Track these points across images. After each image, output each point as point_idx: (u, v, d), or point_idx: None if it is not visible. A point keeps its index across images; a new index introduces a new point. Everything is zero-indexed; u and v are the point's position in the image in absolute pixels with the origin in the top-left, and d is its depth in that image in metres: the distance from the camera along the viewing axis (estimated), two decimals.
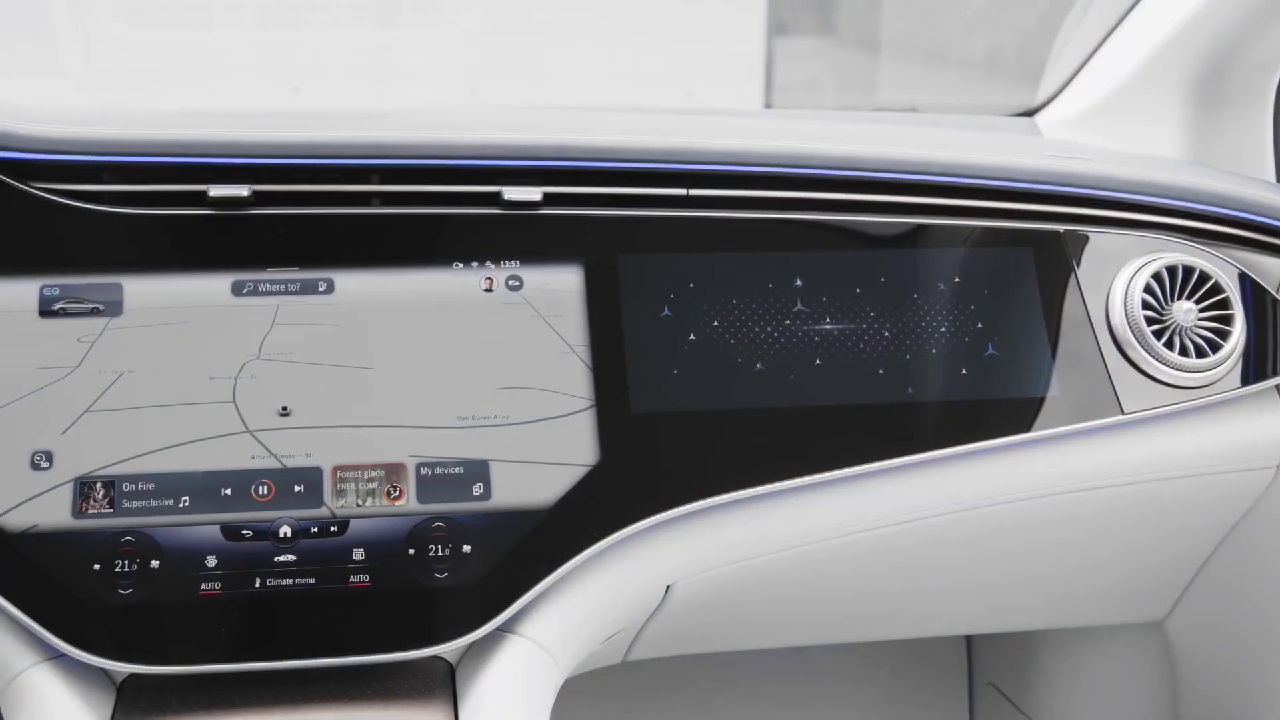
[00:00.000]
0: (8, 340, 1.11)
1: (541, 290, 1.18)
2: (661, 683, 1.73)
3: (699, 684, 1.76)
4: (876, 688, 1.87)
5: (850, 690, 1.86)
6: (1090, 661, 1.70)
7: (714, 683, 1.77)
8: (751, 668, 1.75)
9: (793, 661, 1.79)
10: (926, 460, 1.21)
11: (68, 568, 1.06)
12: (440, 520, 1.10)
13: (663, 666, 1.56)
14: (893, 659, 1.86)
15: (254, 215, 1.17)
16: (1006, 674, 1.83)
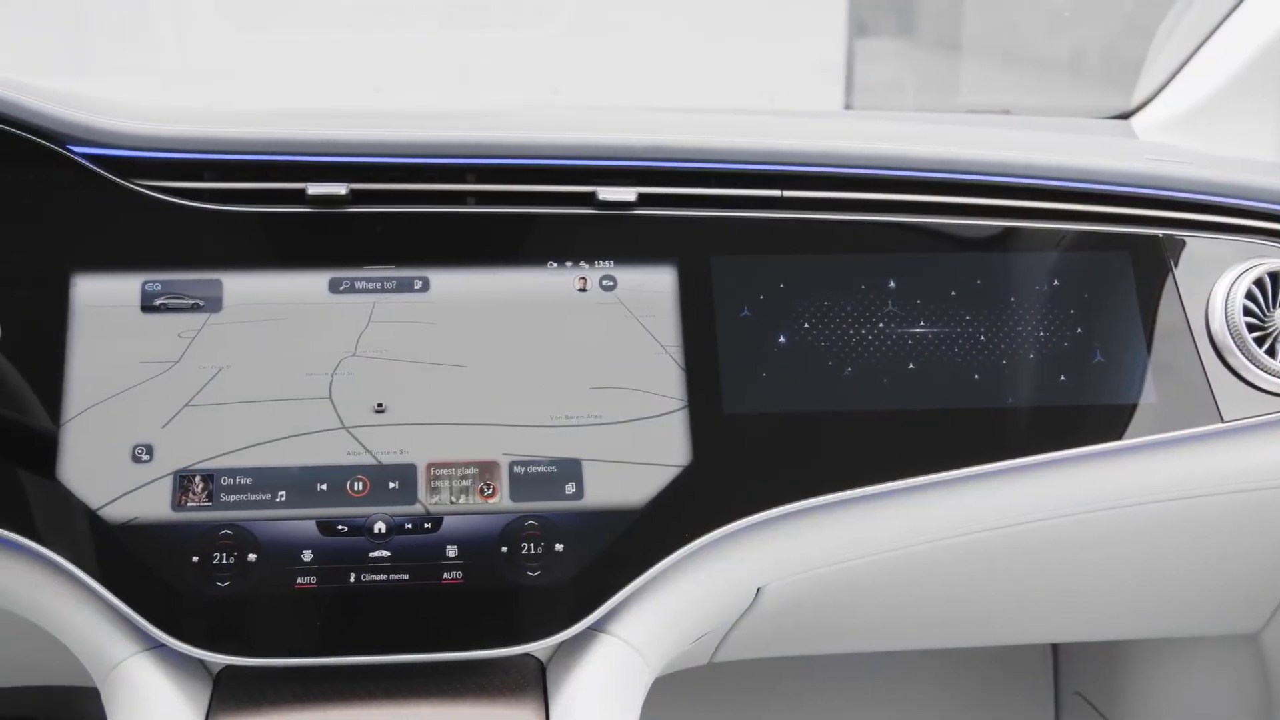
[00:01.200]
0: (111, 335, 1.12)
1: (635, 290, 1.18)
2: (744, 684, 1.72)
3: (781, 687, 1.75)
4: (961, 695, 1.85)
5: (934, 696, 1.85)
6: (1181, 673, 1.67)
7: (797, 685, 1.76)
8: (835, 671, 1.74)
9: (876, 666, 1.78)
10: (1019, 466, 1.20)
11: (167, 559, 1.08)
12: (533, 519, 1.11)
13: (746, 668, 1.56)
14: (978, 666, 1.84)
15: (352, 214, 1.18)
16: (1094, 683, 1.81)
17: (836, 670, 1.76)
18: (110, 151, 1.18)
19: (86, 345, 1.12)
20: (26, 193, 1.16)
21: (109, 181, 1.17)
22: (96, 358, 1.12)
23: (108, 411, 1.11)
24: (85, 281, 1.14)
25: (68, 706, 1.72)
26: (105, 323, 1.13)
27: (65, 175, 1.16)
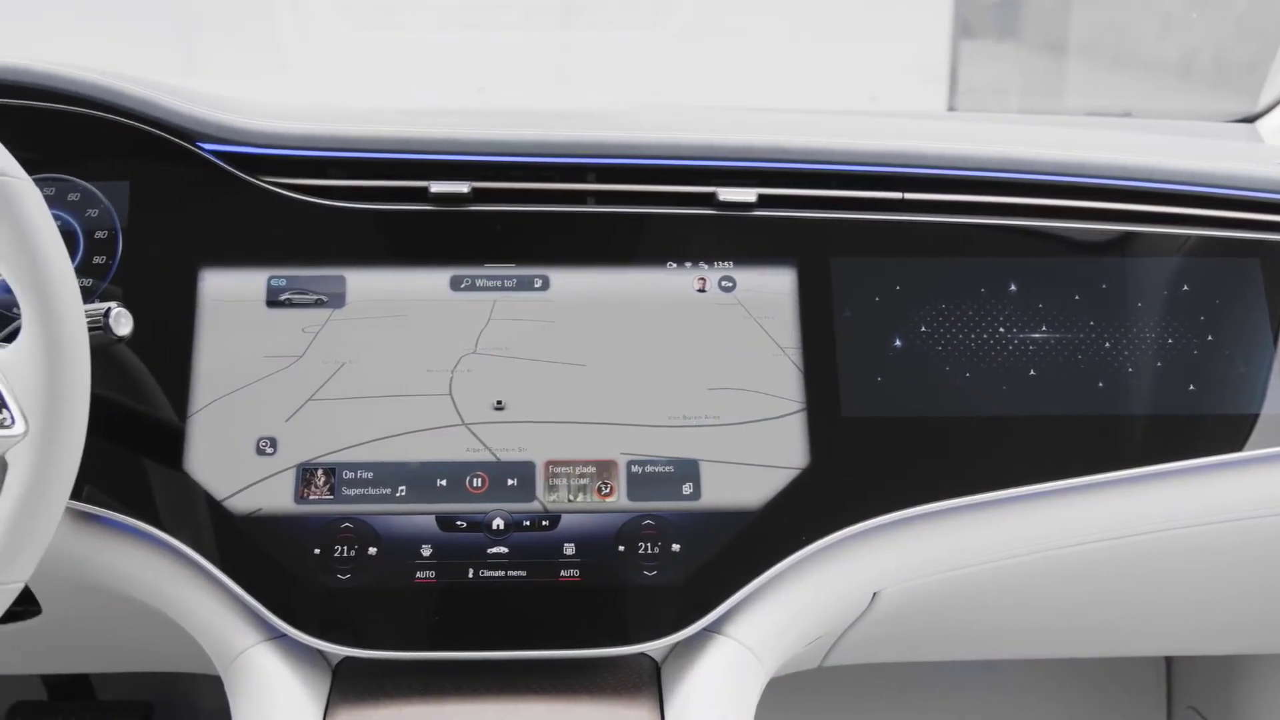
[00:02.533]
0: (237, 329, 1.14)
1: (754, 291, 1.18)
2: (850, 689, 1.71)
3: (886, 693, 1.74)
4: (1072, 706, 1.82)
5: (1044, 707, 1.82)
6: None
7: (903, 692, 1.74)
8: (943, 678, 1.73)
9: (986, 674, 1.76)
10: (1141, 476, 1.17)
11: (290, 551, 1.09)
12: (650, 518, 1.11)
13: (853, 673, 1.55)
14: (1089, 677, 1.81)
15: (473, 212, 1.19)
16: (1209, 698, 1.77)
17: (945, 677, 1.74)
18: (239, 148, 1.20)
19: (213, 339, 1.14)
20: (157, 189, 1.18)
21: (237, 178, 1.19)
22: (223, 351, 1.14)
23: (233, 404, 1.13)
24: (213, 276, 1.16)
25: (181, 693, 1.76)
26: (231, 317, 1.15)
27: (195, 172, 1.19)
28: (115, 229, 1.17)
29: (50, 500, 0.92)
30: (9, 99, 1.18)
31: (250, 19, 3.48)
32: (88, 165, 1.19)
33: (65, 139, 1.19)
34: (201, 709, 1.77)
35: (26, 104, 1.19)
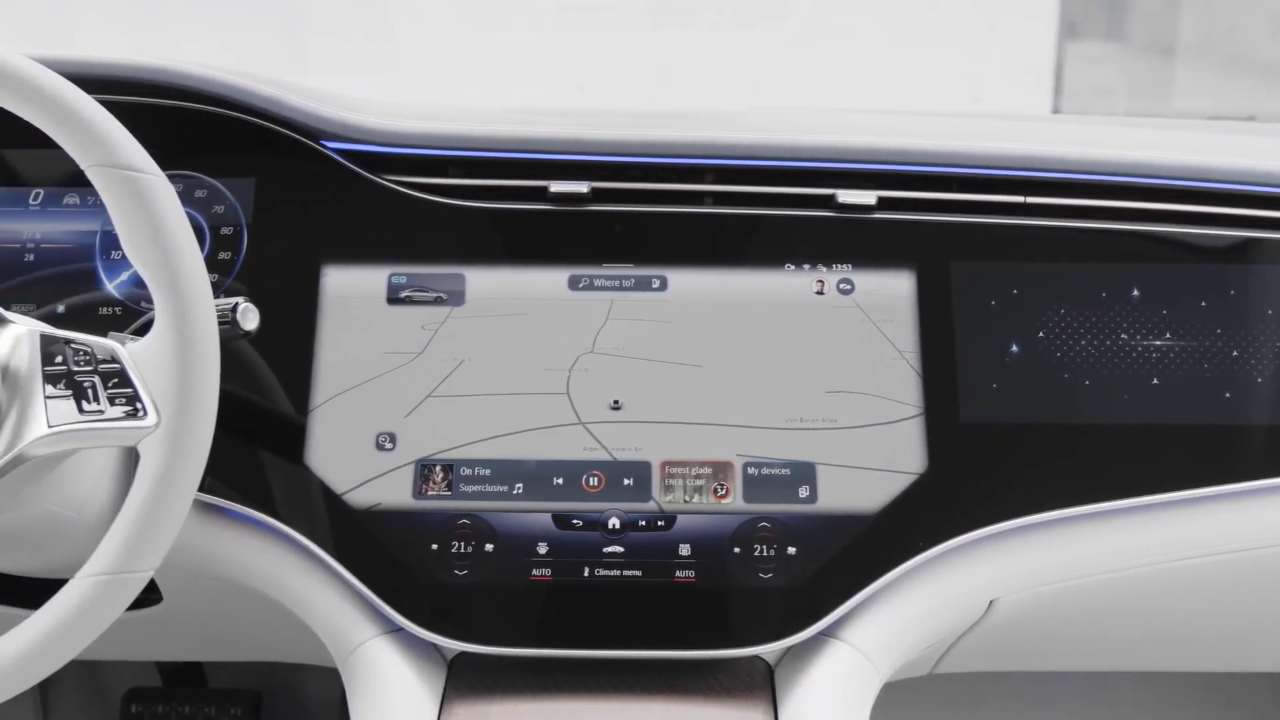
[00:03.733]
0: (358, 325, 1.16)
1: (873, 295, 1.17)
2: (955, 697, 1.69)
3: (991, 701, 1.72)
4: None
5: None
6: None
7: (1010, 701, 1.72)
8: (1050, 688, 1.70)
9: (1094, 685, 1.73)
10: (1267, 488, 1.15)
11: (408, 546, 1.10)
12: (766, 520, 1.11)
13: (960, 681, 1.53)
14: (1204, 691, 1.78)
15: (592, 212, 1.19)
16: None
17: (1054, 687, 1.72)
18: (362, 147, 1.21)
19: (334, 335, 1.16)
20: (282, 186, 1.20)
21: (360, 176, 1.20)
22: (344, 347, 1.15)
23: (353, 400, 1.14)
24: (335, 273, 1.17)
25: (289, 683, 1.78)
26: (353, 313, 1.16)
27: (319, 169, 1.20)
28: (240, 225, 1.19)
29: (180, 491, 0.94)
30: (141, 97, 1.20)
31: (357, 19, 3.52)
32: (215, 162, 1.21)
33: (193, 136, 1.22)
34: (308, 699, 1.79)
35: (157, 102, 1.21)
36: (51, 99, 0.94)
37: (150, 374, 0.94)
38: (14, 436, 0.93)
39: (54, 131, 0.95)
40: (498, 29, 3.27)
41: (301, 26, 3.49)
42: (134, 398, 0.93)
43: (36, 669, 0.92)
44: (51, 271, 1.20)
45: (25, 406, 0.94)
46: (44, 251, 1.20)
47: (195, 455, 0.94)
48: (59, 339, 0.96)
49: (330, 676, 1.70)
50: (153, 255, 0.94)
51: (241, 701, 1.71)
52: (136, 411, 0.93)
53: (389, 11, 3.30)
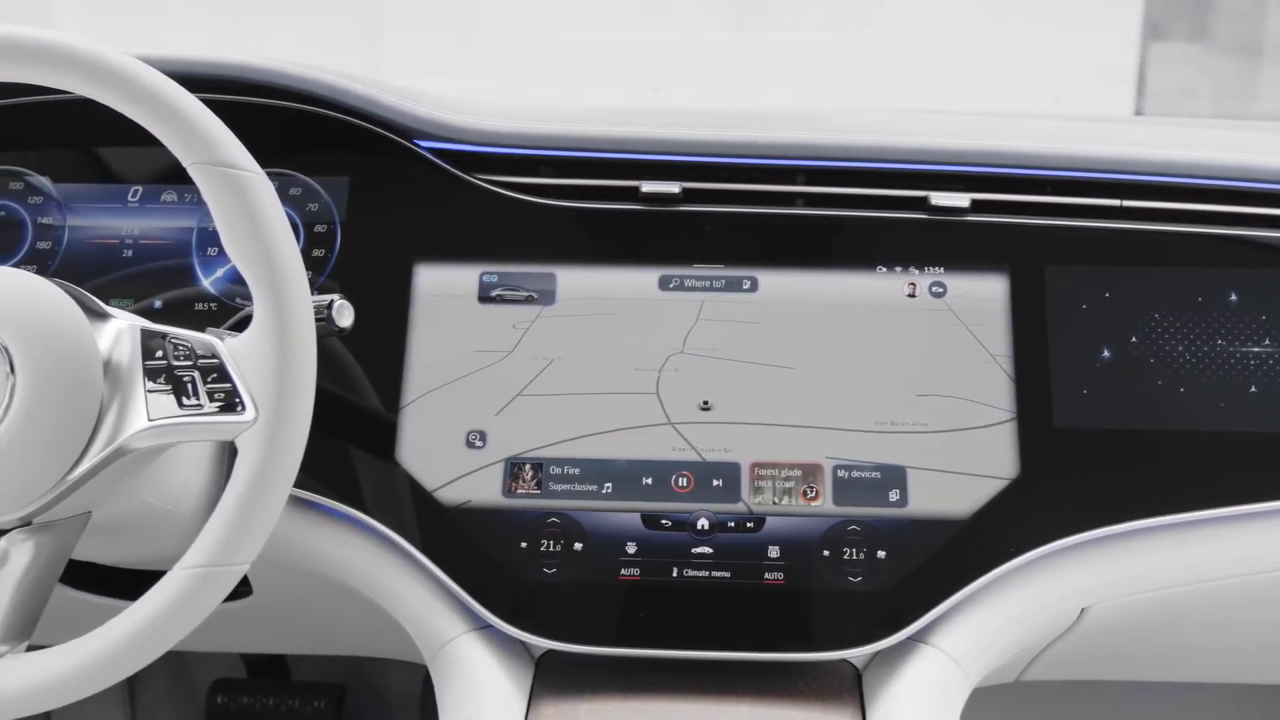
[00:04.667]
0: (450, 324, 1.16)
1: (965, 298, 1.16)
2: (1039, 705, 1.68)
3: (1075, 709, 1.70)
4: None
5: None
6: None
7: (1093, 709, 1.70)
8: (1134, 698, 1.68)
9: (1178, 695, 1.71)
10: None
11: (497, 544, 1.11)
12: (855, 524, 1.10)
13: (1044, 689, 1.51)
14: None
15: (683, 212, 1.20)
16: None
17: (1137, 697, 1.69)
18: (455, 146, 1.22)
19: (426, 333, 1.16)
20: (377, 185, 1.21)
21: (453, 175, 1.21)
22: (435, 345, 1.16)
23: (444, 398, 1.15)
24: (427, 271, 1.18)
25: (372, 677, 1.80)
26: (444, 312, 1.17)
27: (412, 168, 1.21)
28: (334, 223, 1.20)
29: (276, 486, 0.95)
30: (238, 96, 1.21)
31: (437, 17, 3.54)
32: (309, 160, 1.22)
33: (289, 135, 1.23)
34: (389, 694, 1.81)
35: (254, 100, 1.22)
36: (156, 98, 0.95)
37: (249, 369, 0.95)
38: (115, 430, 0.94)
39: (157, 130, 0.96)
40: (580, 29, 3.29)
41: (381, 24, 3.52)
42: (233, 393, 0.94)
43: (135, 659, 0.93)
44: (149, 267, 1.22)
45: (126, 400, 0.95)
46: (142, 247, 1.22)
47: (292, 450, 0.95)
48: (159, 334, 0.97)
49: (411, 671, 1.71)
50: (252, 252, 0.95)
51: (325, 695, 1.73)
52: (235, 406, 0.94)
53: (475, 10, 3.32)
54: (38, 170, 1.25)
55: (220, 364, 0.95)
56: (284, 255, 0.95)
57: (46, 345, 0.93)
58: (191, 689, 1.81)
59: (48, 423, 0.92)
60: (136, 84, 0.95)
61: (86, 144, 1.26)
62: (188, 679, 1.81)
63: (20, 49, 0.95)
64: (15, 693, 0.92)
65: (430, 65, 3.41)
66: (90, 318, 0.97)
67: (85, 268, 1.21)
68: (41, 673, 0.92)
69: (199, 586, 0.93)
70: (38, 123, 1.27)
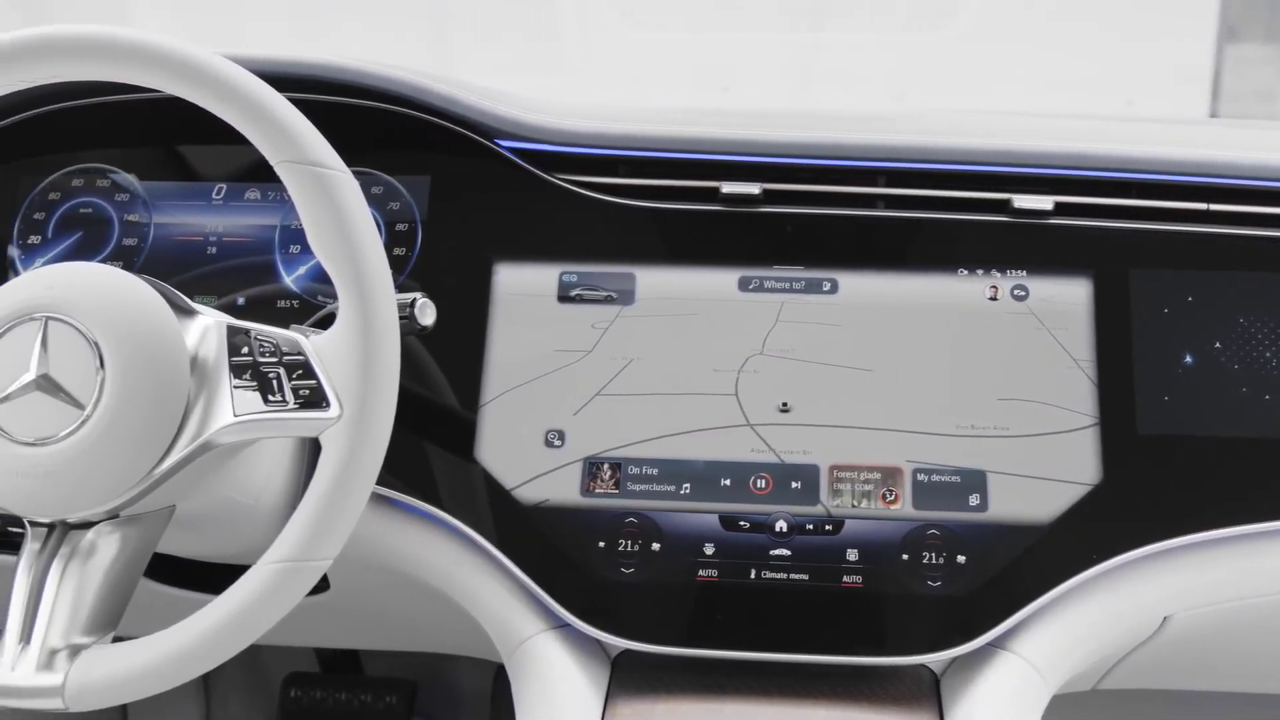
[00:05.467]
0: (530, 323, 1.17)
1: (1048, 302, 1.15)
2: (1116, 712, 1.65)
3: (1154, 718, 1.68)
4: None
5: None
6: None
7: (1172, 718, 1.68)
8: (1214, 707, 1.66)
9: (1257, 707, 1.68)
10: None
11: (575, 543, 1.11)
12: (935, 528, 1.09)
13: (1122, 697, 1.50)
14: None
15: (763, 213, 1.19)
16: None
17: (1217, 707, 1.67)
18: (535, 146, 1.22)
19: (505, 332, 1.17)
20: (458, 184, 1.22)
21: (533, 175, 1.21)
22: (514, 344, 1.17)
23: (523, 397, 1.15)
24: (506, 270, 1.19)
25: (442, 674, 1.81)
26: (524, 311, 1.17)
27: (493, 168, 1.22)
28: (415, 222, 1.21)
29: (360, 482, 0.95)
30: (321, 95, 1.22)
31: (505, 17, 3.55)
32: (391, 160, 1.23)
33: (371, 134, 1.24)
34: (460, 691, 1.82)
35: (337, 100, 1.23)
36: (246, 97, 0.96)
37: (333, 366, 0.95)
38: (201, 425, 0.95)
39: (246, 128, 0.97)
40: (649, 29, 3.29)
41: (450, 23, 3.53)
42: (317, 389, 0.95)
43: (219, 652, 0.94)
44: (232, 264, 1.23)
45: (212, 396, 0.96)
46: (225, 244, 1.23)
47: (375, 447, 0.96)
48: (244, 331, 0.98)
49: (482, 669, 1.72)
50: (338, 250, 0.96)
51: (397, 690, 1.74)
52: (320, 403, 0.95)
53: (544, 10, 3.33)
54: (124, 168, 1.27)
55: (305, 361, 0.96)
56: (369, 253, 0.96)
57: (136, 341, 0.94)
58: (265, 682, 1.83)
59: (136, 417, 0.93)
60: (227, 84, 0.96)
61: (171, 142, 1.28)
62: (262, 672, 1.83)
63: (115, 49, 0.96)
64: (102, 683, 0.93)
65: (495, 65, 3.43)
66: (178, 314, 0.98)
67: (169, 264, 1.23)
68: (128, 664, 0.93)
69: (283, 581, 0.94)
70: (123, 121, 1.29)
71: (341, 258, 0.96)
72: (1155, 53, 3.58)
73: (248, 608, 0.93)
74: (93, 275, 0.97)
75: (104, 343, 0.93)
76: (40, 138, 1.29)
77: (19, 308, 0.95)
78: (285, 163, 0.96)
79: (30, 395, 0.93)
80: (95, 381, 0.93)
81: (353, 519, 0.96)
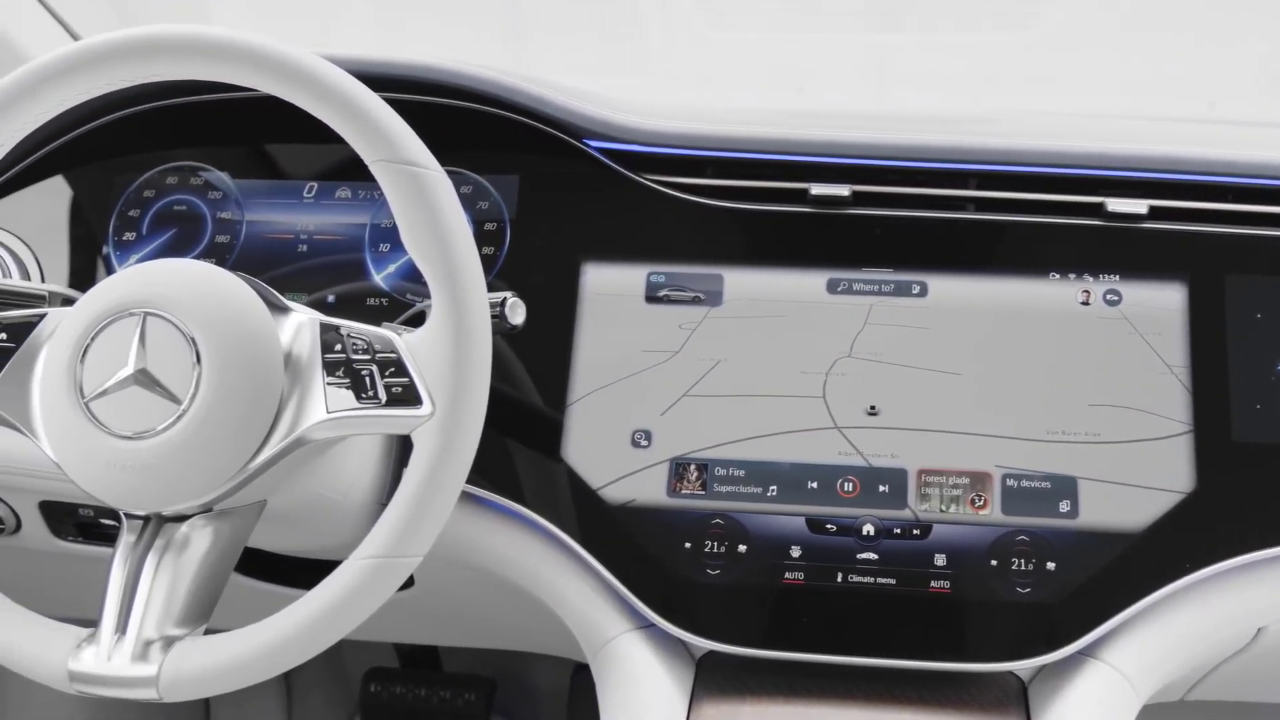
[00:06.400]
0: (617, 323, 1.17)
1: (1141, 307, 1.13)
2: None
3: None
4: None
5: None
6: None
7: None
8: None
9: None
10: None
11: (661, 543, 1.11)
12: (1024, 534, 1.08)
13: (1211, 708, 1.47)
14: None
15: (852, 215, 1.19)
16: None
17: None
18: (624, 146, 1.23)
19: (593, 332, 1.17)
20: (546, 184, 1.22)
21: (621, 175, 1.22)
22: (602, 344, 1.17)
23: (610, 397, 1.15)
24: (594, 270, 1.19)
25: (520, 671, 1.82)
26: (611, 311, 1.18)
27: (581, 168, 1.22)
28: (504, 221, 1.22)
29: (451, 479, 0.96)
30: (413, 94, 1.23)
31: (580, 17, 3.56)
32: (480, 159, 1.24)
33: (461, 133, 1.25)
34: (539, 689, 1.82)
35: (427, 100, 1.24)
36: (343, 97, 0.97)
37: (425, 364, 0.96)
38: (294, 421, 0.96)
39: (343, 127, 0.97)
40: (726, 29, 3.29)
41: (525, 23, 3.55)
42: (410, 387, 0.96)
43: (310, 646, 0.95)
44: (322, 261, 1.24)
45: (306, 392, 0.97)
46: (316, 242, 1.25)
47: (467, 445, 0.96)
48: (336, 328, 0.99)
49: (560, 667, 1.73)
50: (432, 248, 0.96)
51: (476, 687, 1.75)
52: (412, 400, 0.95)
53: (620, 11, 3.34)
54: (216, 166, 1.28)
55: (398, 358, 0.96)
56: (463, 252, 0.97)
57: (232, 338, 0.95)
58: (345, 677, 1.84)
59: (231, 413, 0.94)
60: (325, 83, 0.97)
61: (262, 141, 1.29)
62: (342, 667, 1.85)
63: (217, 49, 0.97)
64: (195, 675, 0.94)
65: (568, 64, 3.43)
66: (272, 311, 0.99)
67: (261, 261, 1.24)
68: (221, 656, 0.94)
69: (374, 577, 0.94)
70: (216, 120, 1.30)
71: (435, 256, 0.96)
72: (1238, 55, 3.53)
73: (339, 603, 0.94)
74: (190, 272, 0.99)
75: (201, 338, 0.95)
76: (135, 136, 1.31)
77: (118, 303, 0.96)
78: (381, 161, 0.97)
79: (128, 390, 0.95)
80: (192, 377, 0.94)
81: (443, 516, 0.96)
